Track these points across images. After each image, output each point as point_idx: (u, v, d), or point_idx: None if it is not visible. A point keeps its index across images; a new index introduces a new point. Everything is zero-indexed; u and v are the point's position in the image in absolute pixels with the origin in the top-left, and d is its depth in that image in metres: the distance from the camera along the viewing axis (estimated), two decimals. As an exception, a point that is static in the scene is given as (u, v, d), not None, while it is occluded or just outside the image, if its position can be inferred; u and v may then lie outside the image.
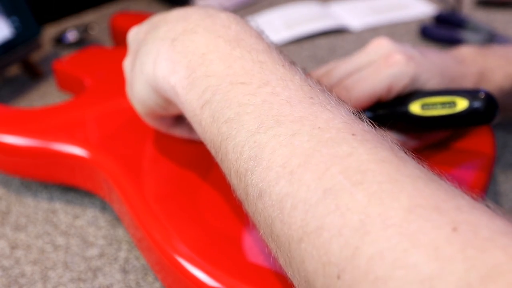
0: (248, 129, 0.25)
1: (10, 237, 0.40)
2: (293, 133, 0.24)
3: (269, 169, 0.23)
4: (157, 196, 0.35)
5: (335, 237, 0.20)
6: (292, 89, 0.26)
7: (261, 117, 0.25)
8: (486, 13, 0.74)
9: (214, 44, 0.29)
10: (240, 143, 0.25)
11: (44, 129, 0.41)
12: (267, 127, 0.24)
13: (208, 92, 0.27)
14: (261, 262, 0.30)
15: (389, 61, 0.36)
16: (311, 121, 0.24)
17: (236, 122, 0.26)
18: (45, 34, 0.71)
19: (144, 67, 0.32)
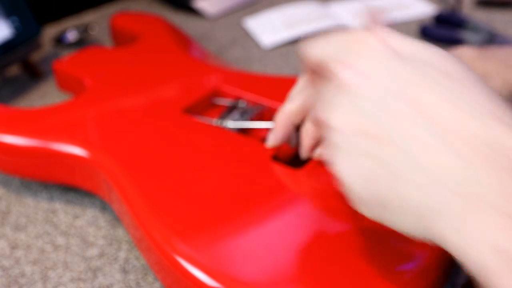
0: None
1: (10, 237, 0.40)
2: None
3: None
4: (157, 196, 0.35)
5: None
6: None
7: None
8: (486, 13, 0.74)
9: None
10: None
11: (44, 129, 0.41)
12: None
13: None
14: (262, 263, 0.30)
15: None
16: None
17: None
18: (45, 34, 0.71)
19: (417, 176, 0.22)
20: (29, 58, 0.61)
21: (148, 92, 0.46)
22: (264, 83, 0.47)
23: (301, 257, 0.30)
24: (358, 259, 0.30)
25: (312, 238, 0.32)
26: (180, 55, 0.53)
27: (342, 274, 0.29)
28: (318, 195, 0.35)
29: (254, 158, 0.38)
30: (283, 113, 0.37)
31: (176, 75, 0.49)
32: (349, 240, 0.31)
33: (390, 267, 0.29)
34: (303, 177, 0.36)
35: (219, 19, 0.76)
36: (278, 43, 0.68)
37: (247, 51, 0.67)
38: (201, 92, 0.46)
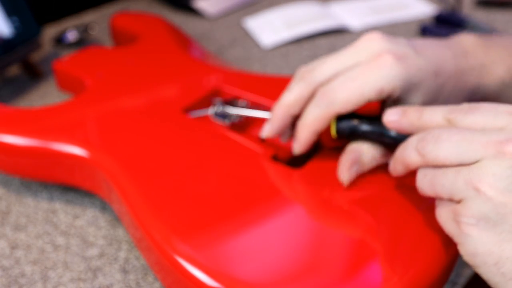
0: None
1: (10, 237, 0.40)
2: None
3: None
4: (156, 196, 0.35)
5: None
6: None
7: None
8: (486, 13, 0.74)
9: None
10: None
11: (44, 129, 0.41)
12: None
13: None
14: (261, 262, 0.30)
15: (378, 62, 0.34)
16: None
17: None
18: (45, 34, 0.71)
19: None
20: (29, 58, 0.61)
21: (148, 92, 0.46)
22: (264, 83, 0.47)
23: (301, 257, 0.30)
24: (358, 259, 0.30)
25: (312, 238, 0.32)
26: (180, 55, 0.53)
27: (342, 274, 0.29)
28: (317, 195, 0.35)
29: (253, 158, 0.37)
30: (282, 103, 0.36)
31: (176, 75, 0.49)
32: (349, 240, 0.31)
33: (389, 267, 0.29)
34: (302, 177, 0.36)
35: (219, 19, 0.76)
36: (278, 43, 0.68)
37: (247, 51, 0.67)
38: (201, 92, 0.46)
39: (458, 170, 0.27)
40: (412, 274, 0.29)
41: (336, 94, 0.34)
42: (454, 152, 0.27)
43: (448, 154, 0.27)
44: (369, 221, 0.32)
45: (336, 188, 0.35)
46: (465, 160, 0.26)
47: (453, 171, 0.27)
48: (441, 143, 0.28)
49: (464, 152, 0.27)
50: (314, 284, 0.28)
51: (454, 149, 0.27)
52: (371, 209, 0.33)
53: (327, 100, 0.34)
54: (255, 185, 0.35)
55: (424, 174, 0.29)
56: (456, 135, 0.27)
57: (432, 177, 0.28)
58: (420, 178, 0.29)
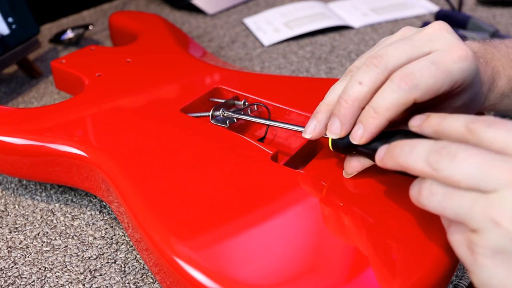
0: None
1: (8, 238, 0.40)
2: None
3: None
4: (155, 197, 0.34)
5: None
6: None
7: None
8: (487, 12, 0.73)
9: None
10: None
11: (43, 129, 0.41)
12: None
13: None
14: (261, 264, 0.29)
15: (459, 53, 0.31)
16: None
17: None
18: (43, 33, 0.71)
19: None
20: (28, 57, 0.60)
21: (147, 92, 0.46)
22: (264, 82, 0.47)
23: (300, 258, 0.30)
24: (359, 262, 0.29)
25: (311, 240, 0.31)
26: (179, 55, 0.52)
27: (342, 277, 0.29)
28: (317, 196, 0.34)
29: (253, 159, 0.37)
30: (351, 96, 0.32)
31: (175, 75, 0.49)
32: (349, 241, 0.31)
33: (391, 271, 0.29)
34: (302, 178, 0.36)
35: (219, 18, 0.76)
36: (278, 42, 0.68)
37: (247, 49, 0.67)
38: (200, 91, 0.46)
39: (475, 198, 0.25)
40: (414, 278, 0.29)
41: (422, 79, 0.30)
42: (473, 176, 0.25)
43: (465, 176, 0.25)
44: (371, 224, 0.32)
45: (337, 189, 0.35)
46: (483, 186, 0.25)
47: (470, 198, 0.25)
48: (459, 163, 0.26)
49: (483, 178, 0.25)
50: (314, 286, 0.28)
51: (472, 172, 0.25)
52: (372, 211, 0.33)
53: (411, 83, 0.30)
54: (255, 185, 0.35)
55: (432, 191, 0.27)
56: (475, 157, 0.25)
57: (443, 197, 0.26)
58: (426, 194, 0.27)
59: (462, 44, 0.32)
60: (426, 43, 0.32)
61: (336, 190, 0.34)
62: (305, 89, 0.45)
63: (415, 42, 0.32)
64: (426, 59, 0.31)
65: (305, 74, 0.60)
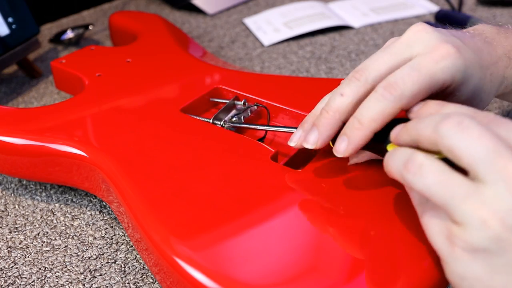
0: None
1: (8, 238, 0.40)
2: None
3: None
4: (155, 196, 0.34)
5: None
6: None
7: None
8: (487, 12, 0.73)
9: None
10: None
11: (43, 129, 0.41)
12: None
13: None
14: (261, 264, 0.29)
15: (440, 52, 0.31)
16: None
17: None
18: (44, 34, 0.71)
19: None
20: (28, 57, 0.60)
21: (147, 92, 0.46)
22: (264, 82, 0.47)
23: (300, 258, 0.30)
24: (359, 261, 0.29)
25: (311, 240, 0.31)
26: (179, 55, 0.52)
27: (341, 277, 0.29)
28: (317, 196, 0.34)
29: (253, 159, 0.37)
30: (333, 109, 0.32)
31: (175, 75, 0.49)
32: (349, 241, 0.31)
33: (391, 270, 0.29)
34: (302, 178, 0.36)
35: (219, 18, 0.76)
36: (278, 42, 0.68)
37: (247, 49, 0.67)
38: (200, 91, 0.46)
39: (469, 191, 0.24)
40: (414, 278, 0.28)
41: (405, 87, 0.30)
42: (478, 155, 0.24)
43: (469, 152, 0.24)
44: (371, 224, 0.32)
45: (337, 189, 0.34)
46: (482, 172, 0.24)
47: (464, 189, 0.24)
48: (467, 134, 0.24)
49: (486, 161, 0.24)
50: (313, 286, 0.28)
51: (479, 151, 0.24)
52: (372, 211, 0.33)
53: (395, 93, 0.30)
54: (254, 186, 0.35)
55: (423, 170, 0.26)
56: (488, 137, 0.24)
57: (435, 180, 0.25)
58: (414, 171, 0.26)
59: (442, 42, 0.31)
60: (405, 49, 0.32)
61: (336, 190, 0.34)
62: (305, 89, 0.45)
63: (394, 50, 0.32)
64: (407, 66, 0.31)
65: (305, 74, 0.60)
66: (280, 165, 0.37)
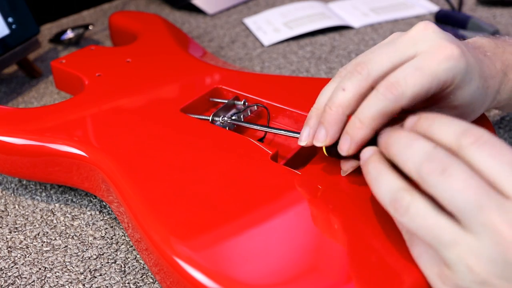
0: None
1: (8, 238, 0.40)
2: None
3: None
4: (155, 196, 0.34)
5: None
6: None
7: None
8: (487, 12, 0.73)
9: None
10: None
11: (43, 129, 0.41)
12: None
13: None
14: (261, 264, 0.29)
15: (444, 52, 0.31)
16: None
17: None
18: (44, 34, 0.71)
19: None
20: (28, 57, 0.60)
21: (147, 92, 0.46)
22: (263, 82, 0.47)
23: (300, 258, 0.30)
24: (359, 261, 0.29)
25: (311, 240, 0.31)
26: (179, 55, 0.52)
27: (341, 277, 0.29)
28: (317, 196, 0.34)
29: (253, 159, 0.37)
30: (336, 104, 0.32)
31: (175, 75, 0.49)
32: (349, 242, 0.31)
33: (391, 270, 0.29)
34: (302, 178, 0.36)
35: (219, 18, 0.76)
36: (278, 42, 0.68)
37: (247, 49, 0.67)
38: (200, 91, 0.46)
39: (455, 237, 0.24)
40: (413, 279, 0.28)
41: (407, 87, 0.30)
42: (462, 207, 0.24)
43: (453, 202, 0.24)
44: (371, 224, 0.32)
45: (337, 189, 0.34)
46: (467, 223, 0.24)
47: (450, 235, 0.24)
48: (451, 184, 0.24)
49: (471, 215, 0.24)
50: (313, 286, 0.28)
51: (462, 202, 0.24)
52: (372, 212, 0.33)
53: (396, 92, 0.30)
54: (254, 186, 0.35)
55: (410, 210, 0.25)
56: (472, 188, 0.24)
57: (422, 221, 0.25)
58: (402, 212, 0.26)
59: (448, 43, 0.31)
60: (410, 46, 0.32)
61: (336, 190, 0.34)
62: (305, 89, 0.45)
63: (398, 46, 0.32)
64: (410, 65, 0.31)
65: (305, 74, 0.60)
66: (280, 165, 0.37)
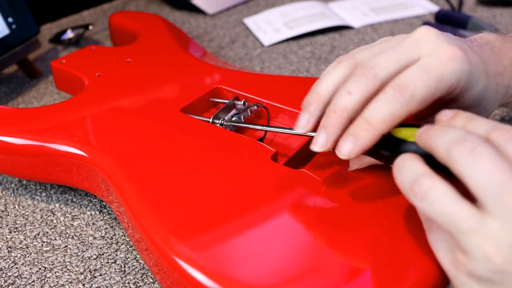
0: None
1: (8, 238, 0.40)
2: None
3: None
4: (155, 196, 0.34)
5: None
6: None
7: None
8: (487, 12, 0.73)
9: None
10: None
11: (43, 129, 0.41)
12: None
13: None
14: (261, 264, 0.29)
15: (448, 55, 0.30)
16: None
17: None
18: (44, 34, 0.71)
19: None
20: (28, 57, 0.60)
21: (147, 92, 0.46)
22: (263, 82, 0.47)
23: (300, 258, 0.30)
24: (359, 261, 0.29)
25: (311, 240, 0.31)
26: (178, 55, 0.52)
27: (341, 278, 0.29)
28: (317, 196, 0.34)
29: (253, 159, 0.37)
30: (341, 108, 0.31)
31: (175, 75, 0.49)
32: (349, 241, 0.31)
33: (391, 270, 0.29)
34: (302, 178, 0.35)
35: (219, 18, 0.76)
36: (278, 42, 0.68)
37: (247, 49, 0.67)
38: (200, 91, 0.46)
39: (474, 224, 0.24)
40: (413, 279, 0.28)
41: (416, 88, 0.30)
42: (486, 189, 0.24)
43: (478, 183, 0.24)
44: (371, 224, 0.32)
45: (337, 189, 0.34)
46: (490, 207, 0.24)
47: (470, 222, 0.24)
48: (478, 164, 0.24)
49: (495, 199, 0.24)
50: (313, 286, 0.28)
51: (487, 183, 0.24)
52: (372, 211, 0.33)
53: (406, 94, 0.29)
54: (254, 186, 0.35)
55: (428, 195, 0.25)
56: (498, 170, 0.24)
57: (441, 206, 0.25)
58: (420, 196, 0.26)
59: (450, 45, 0.31)
60: (414, 49, 0.31)
61: (336, 190, 0.34)
62: (305, 89, 0.45)
63: (403, 49, 0.32)
64: (417, 66, 0.30)
65: (305, 74, 0.60)
66: (280, 165, 0.37)
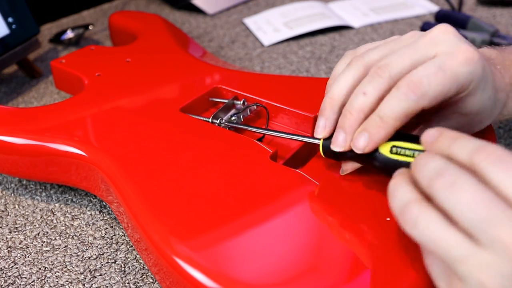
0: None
1: (8, 238, 0.40)
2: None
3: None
4: (155, 196, 0.34)
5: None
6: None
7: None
8: (487, 12, 0.73)
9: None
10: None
11: (43, 129, 0.41)
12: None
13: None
14: (260, 263, 0.29)
15: (465, 55, 0.30)
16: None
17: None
18: (44, 34, 0.71)
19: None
20: (28, 57, 0.60)
21: (147, 92, 0.46)
22: (263, 82, 0.47)
23: (300, 258, 0.30)
24: (359, 261, 0.29)
25: (311, 240, 0.31)
26: (178, 54, 0.52)
27: (341, 277, 0.29)
28: (317, 195, 0.34)
29: (252, 158, 0.37)
30: (357, 108, 0.31)
31: (175, 74, 0.49)
32: (349, 241, 0.31)
33: (391, 270, 0.29)
34: (301, 178, 0.35)
35: (219, 18, 0.76)
36: (278, 42, 0.68)
37: (247, 49, 0.67)
38: (200, 91, 0.46)
39: (467, 252, 0.24)
40: (413, 279, 0.28)
41: (430, 87, 0.30)
42: (472, 220, 0.23)
43: (463, 217, 0.24)
44: (370, 224, 0.32)
45: (336, 189, 0.34)
46: (479, 236, 0.23)
47: (461, 250, 0.24)
48: (460, 198, 0.24)
49: (482, 230, 0.23)
50: (313, 286, 0.28)
51: (472, 216, 0.23)
52: (372, 211, 0.33)
53: (419, 92, 0.30)
54: (254, 185, 0.35)
55: (418, 223, 0.25)
56: (481, 202, 0.23)
57: (432, 233, 0.24)
58: (411, 225, 0.25)
59: (469, 46, 0.31)
60: (430, 47, 0.31)
61: (336, 190, 0.34)
62: (305, 89, 0.45)
63: (419, 47, 0.32)
64: (432, 64, 0.30)
65: (305, 74, 0.60)
66: (279, 165, 0.37)
